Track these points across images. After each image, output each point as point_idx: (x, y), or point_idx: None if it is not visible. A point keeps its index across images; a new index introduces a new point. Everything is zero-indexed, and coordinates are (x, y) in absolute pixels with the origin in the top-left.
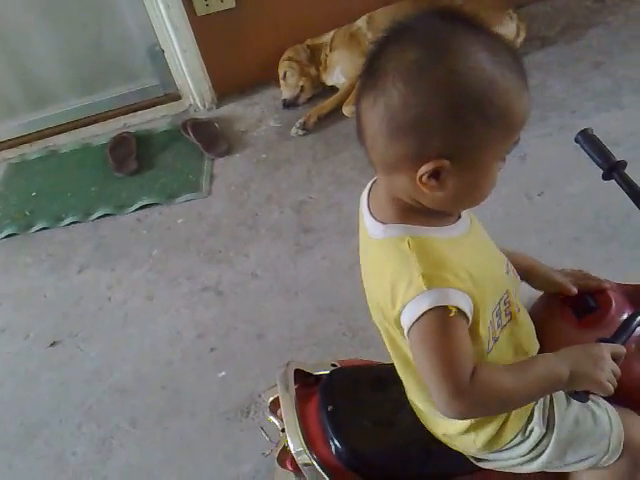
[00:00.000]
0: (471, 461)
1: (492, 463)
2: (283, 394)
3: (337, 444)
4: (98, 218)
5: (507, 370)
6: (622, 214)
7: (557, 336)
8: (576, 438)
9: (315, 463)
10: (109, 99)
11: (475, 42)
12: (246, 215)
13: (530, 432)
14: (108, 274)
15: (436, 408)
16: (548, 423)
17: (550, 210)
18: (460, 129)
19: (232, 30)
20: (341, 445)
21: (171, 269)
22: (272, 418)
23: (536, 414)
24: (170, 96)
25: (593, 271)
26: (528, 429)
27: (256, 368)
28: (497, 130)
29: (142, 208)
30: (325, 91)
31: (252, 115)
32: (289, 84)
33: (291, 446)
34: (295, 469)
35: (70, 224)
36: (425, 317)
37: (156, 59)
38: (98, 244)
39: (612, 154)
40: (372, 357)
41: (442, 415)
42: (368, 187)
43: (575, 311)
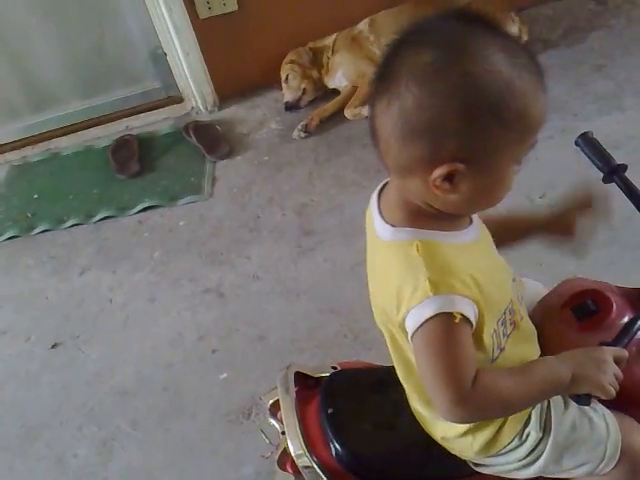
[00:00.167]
0: (470, 465)
1: (490, 468)
2: (283, 397)
3: (337, 447)
4: (100, 220)
5: (508, 374)
6: (623, 217)
7: (558, 339)
8: (572, 443)
9: (315, 466)
10: (111, 101)
11: (492, 44)
12: (248, 217)
13: (527, 436)
14: (110, 276)
15: (436, 412)
16: (545, 427)
17: None
18: (475, 132)
19: (234, 33)
20: (341, 448)
21: (173, 271)
22: (272, 421)
23: (533, 418)
24: (172, 99)
25: (594, 274)
26: (525, 433)
27: (257, 370)
28: (514, 133)
29: (144, 210)
30: (327, 94)
31: (254, 118)
32: (291, 87)
33: (291, 449)
34: (295, 472)
35: (72, 226)
36: (430, 323)
37: (158, 62)
38: (100, 246)
39: (612, 157)
40: (374, 359)
41: (441, 419)
42: (379, 188)
43: (575, 314)
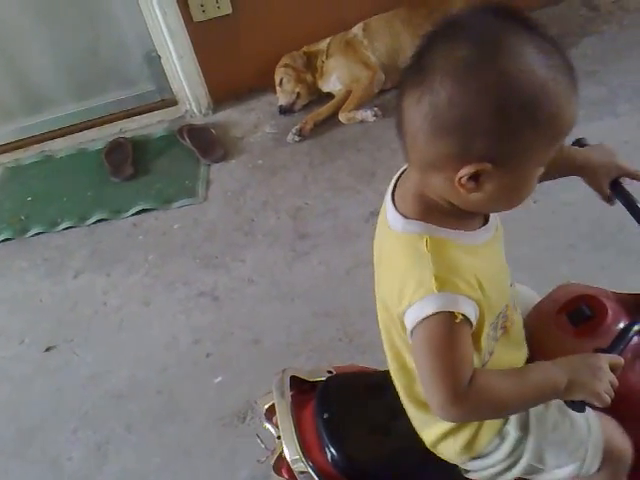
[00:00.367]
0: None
1: (478, 473)
2: (279, 401)
3: (333, 451)
4: (94, 223)
5: (505, 376)
6: (617, 221)
7: (553, 345)
8: (554, 443)
9: (311, 471)
10: (105, 104)
11: (528, 43)
12: (242, 221)
13: (506, 435)
14: (104, 279)
15: (431, 410)
16: (524, 426)
17: (545, 217)
18: (507, 133)
19: (228, 36)
20: (337, 452)
21: (167, 274)
22: (268, 425)
23: (512, 417)
24: (166, 102)
25: (589, 279)
26: (504, 432)
27: (252, 374)
28: (544, 136)
29: (138, 213)
30: (321, 98)
31: (248, 121)
32: (285, 90)
33: (287, 454)
34: (291, 477)
35: (66, 229)
36: (431, 319)
37: (152, 65)
38: (94, 249)
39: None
40: (369, 363)
41: (428, 419)
42: (396, 176)
43: (571, 320)
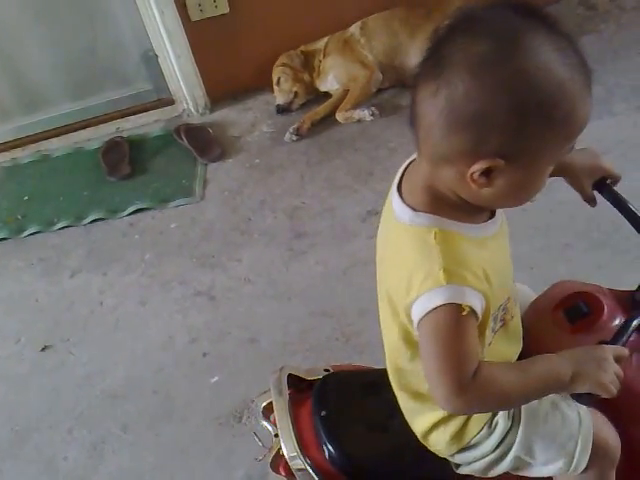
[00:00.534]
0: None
1: (468, 467)
2: (277, 399)
3: (331, 449)
4: (90, 222)
5: (509, 368)
6: (614, 220)
7: (550, 341)
8: (544, 436)
9: (309, 468)
10: (102, 103)
11: (547, 41)
12: (239, 220)
13: (495, 425)
14: (100, 279)
15: (434, 400)
16: (514, 416)
17: (542, 216)
18: (521, 130)
19: (226, 35)
20: (335, 450)
21: (164, 274)
22: (265, 423)
23: None
24: (163, 101)
25: (585, 277)
26: (494, 422)
27: (249, 373)
28: (558, 134)
29: (135, 212)
30: (318, 97)
31: (246, 120)
32: (283, 90)
33: (285, 451)
34: (288, 474)
35: (62, 228)
36: (438, 311)
37: (150, 64)
38: (90, 248)
39: None
40: (366, 362)
41: (419, 409)
42: (403, 167)
43: (567, 316)
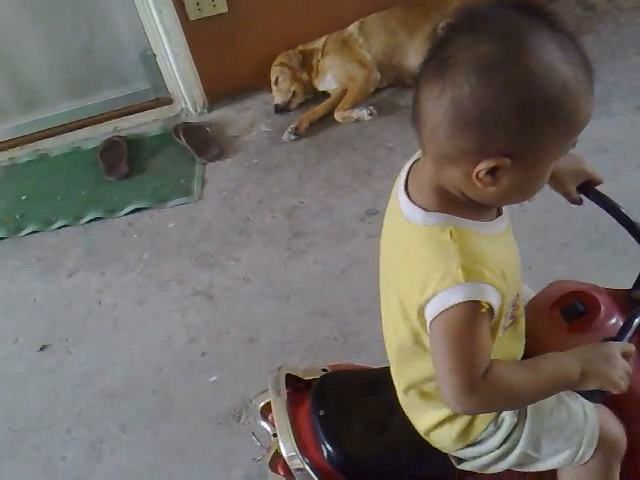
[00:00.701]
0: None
1: (471, 463)
2: (275, 399)
3: (329, 448)
4: (88, 222)
5: (518, 368)
6: (611, 220)
7: (547, 340)
8: (550, 430)
9: (307, 467)
10: (100, 103)
11: (551, 40)
12: (237, 219)
13: (502, 422)
14: (98, 278)
15: (443, 399)
16: (520, 413)
17: (540, 216)
18: (527, 129)
19: (224, 35)
20: (333, 449)
21: (162, 273)
22: (263, 423)
23: None
24: (162, 100)
25: (583, 277)
26: (500, 419)
27: (247, 373)
28: (562, 132)
29: (133, 212)
30: (317, 97)
31: (244, 120)
32: (281, 89)
33: (283, 451)
34: (287, 474)
35: (60, 228)
36: (456, 308)
37: (148, 63)
38: (88, 248)
39: None
40: (364, 362)
41: (425, 406)
42: (407, 167)
43: (564, 315)
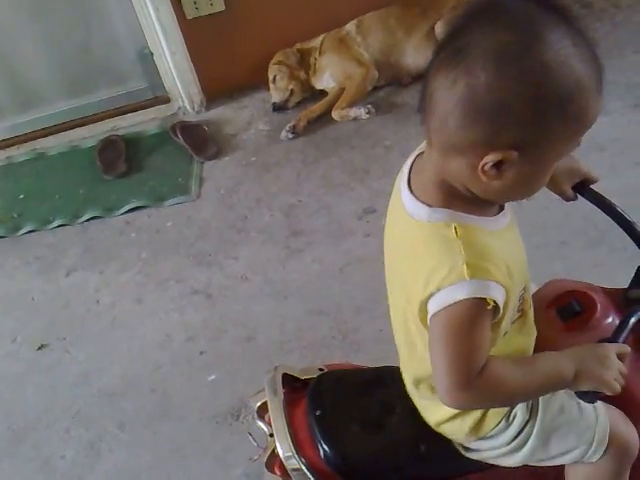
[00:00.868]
0: (460, 451)
1: (479, 453)
2: (271, 399)
3: (325, 448)
4: (86, 221)
5: (513, 366)
6: (609, 218)
7: (543, 340)
8: (560, 427)
9: (304, 467)
10: (98, 102)
11: (566, 35)
12: (235, 218)
13: (514, 418)
14: (96, 277)
15: (437, 394)
16: (532, 409)
17: (537, 214)
18: (538, 123)
19: (222, 33)
20: (329, 449)
21: (160, 272)
22: (260, 423)
23: None
24: (159, 99)
25: (581, 275)
26: (512, 415)
27: (246, 371)
28: (570, 129)
29: (131, 211)
30: (314, 95)
31: (242, 118)
32: (279, 88)
33: (280, 451)
34: (284, 474)
35: (58, 227)
36: (459, 305)
37: (145, 62)
38: (86, 247)
39: None
40: (362, 360)
41: (438, 404)
42: (409, 163)
43: (560, 315)
